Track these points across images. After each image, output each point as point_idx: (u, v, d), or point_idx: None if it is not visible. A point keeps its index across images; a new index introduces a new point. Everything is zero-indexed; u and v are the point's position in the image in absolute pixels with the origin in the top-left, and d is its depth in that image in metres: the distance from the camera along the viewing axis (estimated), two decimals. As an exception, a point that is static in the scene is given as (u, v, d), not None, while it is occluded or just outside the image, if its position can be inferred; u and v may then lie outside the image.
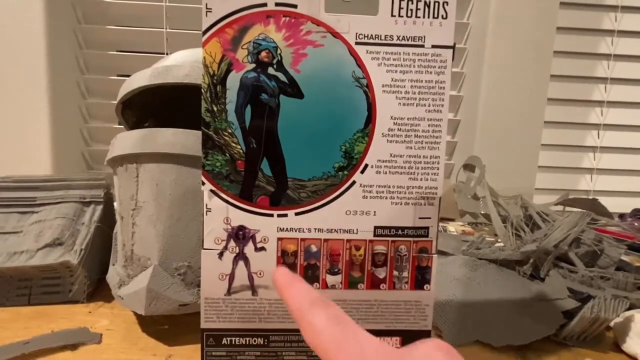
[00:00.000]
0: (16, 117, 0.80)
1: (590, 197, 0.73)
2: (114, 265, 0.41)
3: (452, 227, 0.78)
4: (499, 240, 0.59)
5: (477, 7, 0.91)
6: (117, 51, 0.87)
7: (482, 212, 0.75)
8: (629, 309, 0.39)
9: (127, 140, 0.38)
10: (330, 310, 0.18)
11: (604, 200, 0.69)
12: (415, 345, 0.17)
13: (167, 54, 0.83)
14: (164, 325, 0.39)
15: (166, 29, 0.84)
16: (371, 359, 0.16)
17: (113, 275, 0.40)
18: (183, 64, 0.40)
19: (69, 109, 0.84)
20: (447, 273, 0.48)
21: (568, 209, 0.71)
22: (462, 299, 0.43)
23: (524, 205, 0.61)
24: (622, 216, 0.81)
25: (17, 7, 0.78)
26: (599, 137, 0.99)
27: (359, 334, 0.17)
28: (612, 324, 0.40)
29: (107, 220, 0.49)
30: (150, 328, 0.38)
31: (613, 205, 0.72)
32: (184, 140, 0.37)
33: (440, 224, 0.74)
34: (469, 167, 0.80)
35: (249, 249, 0.28)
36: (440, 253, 0.53)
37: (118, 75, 0.88)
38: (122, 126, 0.50)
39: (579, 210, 0.55)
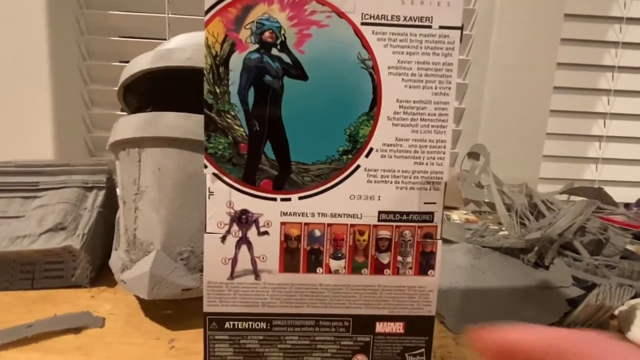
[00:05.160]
0: (18, 104, 0.80)
1: (596, 187, 0.72)
2: (116, 250, 0.41)
3: (456, 216, 0.78)
4: (503, 228, 0.59)
5: (483, -7, 0.89)
6: (119, 37, 0.86)
7: (486, 201, 0.74)
8: (634, 297, 0.39)
9: (129, 125, 0.38)
10: None
11: (609, 190, 0.69)
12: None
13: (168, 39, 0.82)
14: (167, 310, 0.39)
15: (168, 14, 0.83)
16: None
17: (116, 259, 0.40)
18: (185, 47, 0.40)
19: (71, 95, 0.84)
20: (450, 260, 0.48)
21: (573, 197, 0.70)
22: (466, 287, 0.42)
23: (529, 194, 0.60)
24: (627, 206, 0.80)
25: (18, -8, 0.77)
26: (605, 127, 0.98)
27: None
28: (616, 312, 0.40)
29: (110, 205, 0.49)
30: (153, 312, 0.39)
31: (618, 195, 0.71)
32: (186, 124, 0.36)
33: (444, 213, 0.73)
34: (473, 155, 0.80)
35: (251, 233, 0.28)
36: (444, 241, 0.53)
37: (120, 62, 0.87)
38: (125, 112, 0.49)
39: (585, 199, 0.55)
